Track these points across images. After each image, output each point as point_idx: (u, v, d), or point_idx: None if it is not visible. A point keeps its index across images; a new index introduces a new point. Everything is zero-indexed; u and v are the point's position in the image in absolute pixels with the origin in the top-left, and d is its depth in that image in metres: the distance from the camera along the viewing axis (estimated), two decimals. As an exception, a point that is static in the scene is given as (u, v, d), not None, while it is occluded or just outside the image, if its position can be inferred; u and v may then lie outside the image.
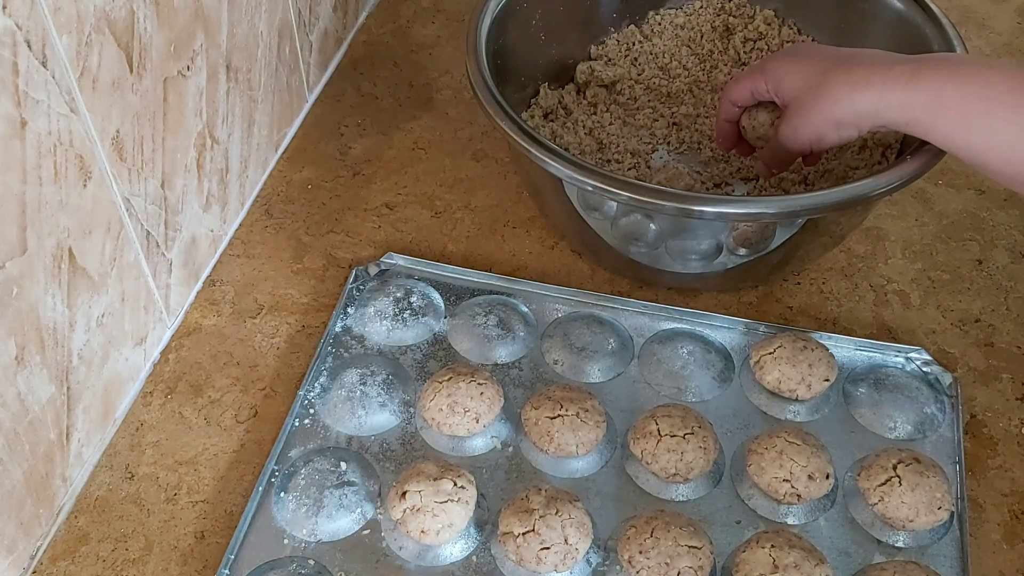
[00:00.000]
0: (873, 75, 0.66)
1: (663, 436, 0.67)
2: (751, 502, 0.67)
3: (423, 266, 0.80)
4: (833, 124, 0.69)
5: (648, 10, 0.94)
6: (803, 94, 0.70)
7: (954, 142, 0.65)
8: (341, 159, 0.91)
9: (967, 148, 0.64)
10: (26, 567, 0.64)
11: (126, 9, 0.62)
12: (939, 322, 0.79)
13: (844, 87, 0.67)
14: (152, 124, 0.68)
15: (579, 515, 0.63)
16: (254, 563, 0.63)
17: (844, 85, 0.67)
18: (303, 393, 0.71)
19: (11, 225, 0.56)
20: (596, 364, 0.74)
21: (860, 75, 0.67)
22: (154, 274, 0.73)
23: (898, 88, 0.65)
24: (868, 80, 0.66)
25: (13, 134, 0.55)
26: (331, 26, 0.97)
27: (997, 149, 0.63)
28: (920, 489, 0.64)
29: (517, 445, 0.70)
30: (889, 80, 0.65)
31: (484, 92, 0.75)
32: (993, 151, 0.63)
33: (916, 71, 0.65)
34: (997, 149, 0.63)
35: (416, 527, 0.62)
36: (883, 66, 0.66)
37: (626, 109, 0.90)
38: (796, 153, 0.73)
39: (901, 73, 0.65)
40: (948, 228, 0.86)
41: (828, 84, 0.68)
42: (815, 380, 0.71)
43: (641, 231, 0.74)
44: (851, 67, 0.68)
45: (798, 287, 0.81)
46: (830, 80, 0.68)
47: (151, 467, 0.69)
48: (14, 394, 0.59)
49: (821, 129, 0.69)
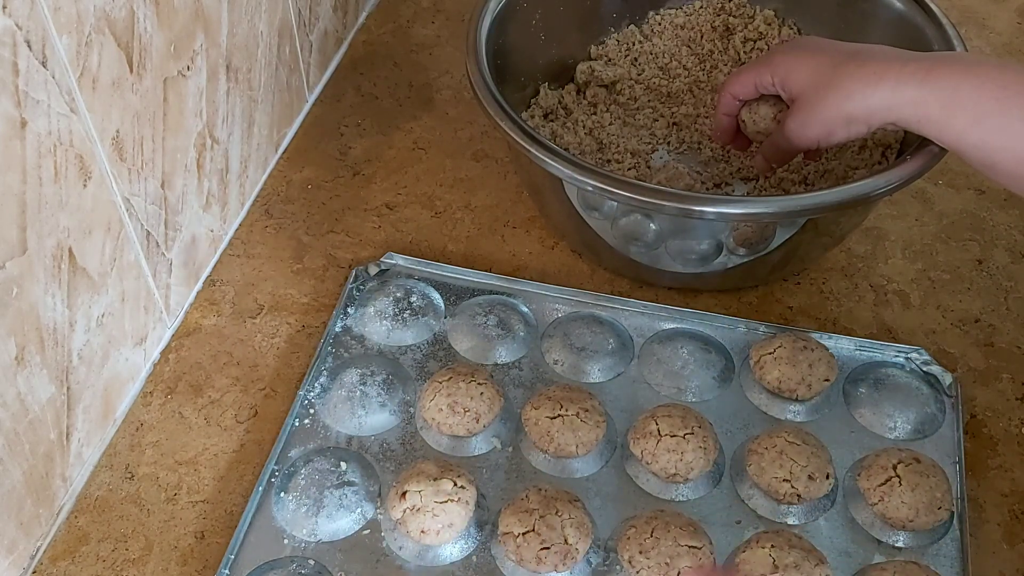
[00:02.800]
0: (887, 71, 0.66)
1: (663, 436, 0.66)
2: (751, 502, 0.67)
3: (423, 266, 0.80)
4: (844, 120, 0.68)
5: (648, 10, 0.94)
6: (813, 89, 0.69)
7: (968, 140, 0.64)
8: (341, 159, 0.91)
9: (981, 147, 0.64)
10: (26, 567, 0.64)
11: (126, 9, 0.62)
12: (939, 322, 0.79)
13: (857, 82, 0.67)
14: (152, 124, 0.68)
15: (579, 515, 0.63)
16: (254, 563, 0.63)
17: (857, 80, 0.67)
18: (303, 393, 0.71)
19: (11, 225, 0.56)
20: (596, 364, 0.74)
21: (873, 70, 0.66)
22: (154, 274, 0.73)
23: (912, 85, 0.65)
24: (882, 76, 0.66)
25: (13, 134, 0.55)
26: (331, 26, 0.97)
27: (1011, 148, 0.62)
28: (920, 489, 0.64)
29: (517, 445, 0.70)
30: (904, 76, 0.65)
31: (484, 92, 0.75)
32: (1007, 149, 0.63)
33: (931, 68, 0.64)
34: (1011, 148, 0.62)
35: (416, 527, 0.62)
36: (897, 62, 0.66)
37: (626, 109, 0.90)
38: (801, 148, 0.73)
39: (916, 70, 0.65)
40: (948, 228, 0.86)
41: (840, 79, 0.67)
42: (815, 380, 0.71)
43: (641, 231, 0.74)
44: (864, 62, 0.67)
45: (798, 287, 0.81)
46: (842, 75, 0.67)
47: (151, 467, 0.69)
48: (14, 394, 0.59)
49: (831, 124, 0.69)
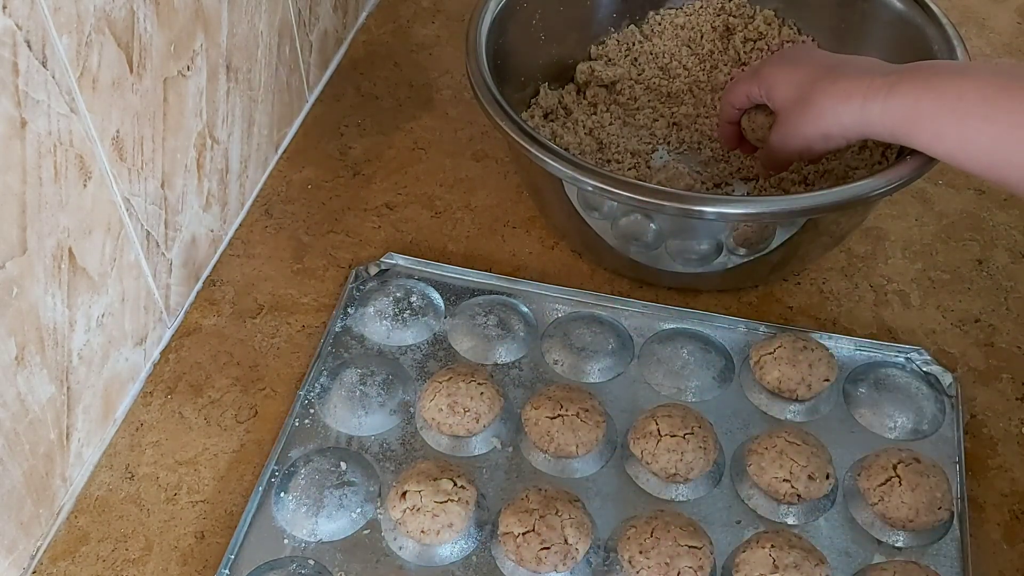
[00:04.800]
0: (856, 88, 0.66)
1: (663, 436, 0.66)
2: (751, 502, 0.67)
3: (423, 266, 0.80)
4: (821, 136, 0.70)
5: (648, 10, 0.94)
6: (792, 104, 0.71)
7: (936, 152, 0.65)
8: (341, 159, 0.91)
9: (948, 157, 0.65)
10: (26, 567, 0.64)
11: (126, 9, 0.62)
12: (939, 322, 0.79)
13: (829, 99, 0.68)
14: (152, 124, 0.68)
15: (579, 515, 0.63)
16: (254, 563, 0.63)
17: (829, 97, 0.68)
18: (303, 393, 0.71)
19: (11, 225, 0.56)
20: (596, 364, 0.74)
21: (843, 88, 0.67)
22: (154, 274, 0.73)
23: (877, 101, 0.65)
24: (850, 93, 0.67)
25: (13, 134, 0.55)
26: (331, 26, 0.97)
27: (976, 157, 0.63)
28: (920, 489, 0.64)
29: (517, 445, 0.70)
30: (870, 93, 0.66)
31: (484, 92, 0.75)
32: (972, 159, 0.63)
33: (895, 84, 0.65)
34: (976, 157, 0.63)
35: (416, 527, 0.62)
36: (866, 77, 0.66)
37: (626, 109, 0.90)
38: (790, 159, 0.74)
39: (881, 86, 0.65)
40: (948, 228, 0.86)
41: (815, 96, 0.69)
42: (815, 380, 0.71)
43: (641, 231, 0.74)
44: (836, 79, 0.68)
45: (798, 287, 0.81)
46: (816, 92, 0.69)
47: (151, 467, 0.69)
48: (14, 394, 0.59)
49: (809, 140, 0.70)
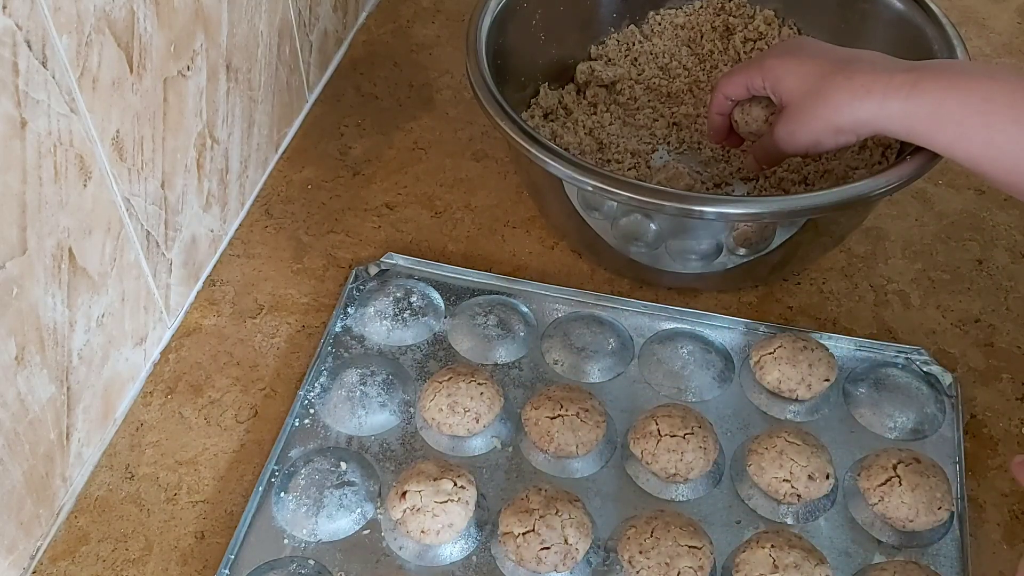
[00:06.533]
0: (875, 83, 0.65)
1: (663, 436, 0.66)
2: (751, 502, 0.67)
3: (423, 266, 0.80)
4: (832, 131, 0.68)
5: (648, 10, 0.94)
6: (802, 98, 0.69)
7: (955, 153, 0.65)
8: (341, 159, 0.91)
9: (968, 159, 0.64)
10: (26, 567, 0.64)
11: (126, 9, 0.62)
12: (939, 322, 0.79)
13: (845, 94, 0.67)
14: (152, 124, 0.68)
15: (579, 515, 0.63)
16: (254, 563, 0.63)
17: (845, 92, 0.67)
18: (303, 393, 0.71)
19: (11, 225, 0.56)
20: (596, 364, 0.74)
21: (861, 83, 0.66)
22: (154, 274, 0.73)
23: (899, 98, 0.65)
24: (869, 88, 0.66)
25: (13, 134, 0.55)
26: (331, 26, 0.97)
27: (999, 161, 0.63)
28: (920, 489, 0.64)
29: (517, 445, 0.70)
30: (890, 90, 0.65)
31: (484, 92, 0.75)
32: (995, 162, 0.63)
33: (917, 81, 0.64)
34: (999, 161, 0.63)
35: (416, 527, 0.62)
36: (885, 74, 0.66)
37: (626, 109, 0.90)
38: (790, 155, 0.73)
39: (902, 83, 0.64)
40: (948, 228, 0.86)
41: (829, 90, 0.68)
42: (815, 380, 0.71)
43: (641, 231, 0.74)
44: (852, 73, 0.67)
45: (798, 287, 0.81)
46: (831, 86, 0.68)
47: (151, 467, 0.69)
48: (14, 394, 0.59)
49: (820, 135, 0.69)
